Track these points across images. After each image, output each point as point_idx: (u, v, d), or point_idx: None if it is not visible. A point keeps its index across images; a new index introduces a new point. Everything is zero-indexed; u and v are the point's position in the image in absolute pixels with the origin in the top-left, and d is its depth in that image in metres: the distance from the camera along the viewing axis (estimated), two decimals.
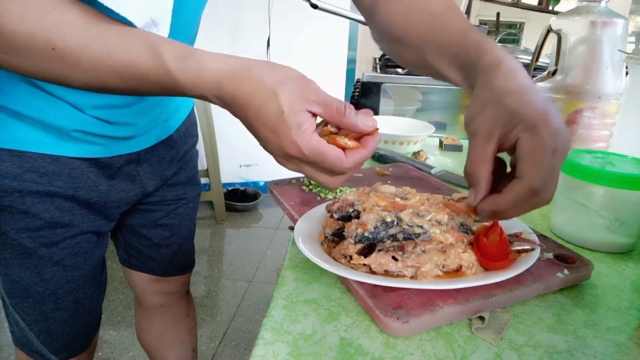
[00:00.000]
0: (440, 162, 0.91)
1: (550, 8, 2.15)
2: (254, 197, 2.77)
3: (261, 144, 0.42)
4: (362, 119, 0.41)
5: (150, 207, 0.79)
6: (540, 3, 2.22)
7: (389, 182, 0.71)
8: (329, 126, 0.41)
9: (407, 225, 0.46)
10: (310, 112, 0.40)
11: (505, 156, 0.43)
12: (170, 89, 0.41)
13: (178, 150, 0.77)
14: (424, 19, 0.53)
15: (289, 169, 0.43)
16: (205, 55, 0.40)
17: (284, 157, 0.41)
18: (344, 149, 0.41)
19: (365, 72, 1.43)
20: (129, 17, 0.45)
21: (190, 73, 0.40)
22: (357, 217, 0.49)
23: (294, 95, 0.39)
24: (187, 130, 0.80)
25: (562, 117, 0.77)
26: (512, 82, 0.40)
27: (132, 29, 0.40)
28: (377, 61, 1.88)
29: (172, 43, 0.40)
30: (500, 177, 0.43)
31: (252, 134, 0.42)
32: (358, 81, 1.58)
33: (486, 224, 0.48)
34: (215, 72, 0.40)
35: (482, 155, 0.40)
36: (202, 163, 2.50)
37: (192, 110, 0.83)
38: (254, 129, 0.41)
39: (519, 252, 0.47)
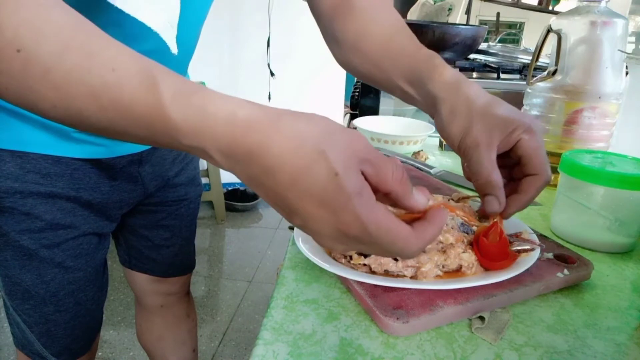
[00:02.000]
0: (440, 162, 0.91)
1: (550, 8, 2.15)
2: (254, 197, 2.77)
3: (296, 223, 0.31)
4: (417, 194, 0.34)
5: (151, 208, 0.79)
6: (540, 3, 2.22)
7: None
8: None
9: None
10: (363, 173, 0.30)
11: None
12: (159, 131, 0.30)
13: (179, 151, 0.77)
14: (378, 33, 0.55)
15: (337, 251, 0.34)
16: (217, 95, 0.30)
17: (336, 237, 0.30)
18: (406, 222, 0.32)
19: None
20: (148, 23, 0.45)
21: (192, 113, 0.29)
22: None
23: (345, 151, 0.29)
24: None
25: (561, 117, 0.77)
26: (482, 93, 0.44)
27: (126, 47, 0.31)
28: None
29: (175, 75, 0.31)
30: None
31: (280, 209, 0.31)
32: (358, 81, 1.58)
33: (486, 224, 0.48)
34: (229, 117, 0.29)
35: (492, 163, 0.42)
36: (202, 163, 2.50)
37: None
38: (285, 202, 0.30)
39: (519, 252, 0.47)
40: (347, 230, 0.29)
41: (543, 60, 1.05)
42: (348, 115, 1.59)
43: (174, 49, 0.55)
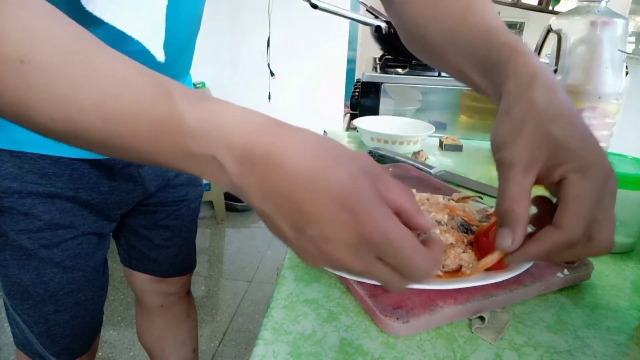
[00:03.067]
0: (440, 162, 0.91)
1: (550, 8, 2.15)
2: None
3: (311, 233, 0.28)
4: (424, 214, 0.31)
5: (151, 208, 0.79)
6: (540, 3, 2.22)
7: None
8: None
9: None
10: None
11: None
12: (168, 140, 0.29)
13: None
14: (445, 13, 0.45)
15: (351, 268, 0.29)
16: (229, 103, 0.30)
17: (355, 245, 0.28)
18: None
19: (365, 72, 1.43)
20: (129, 32, 0.43)
21: (206, 116, 0.29)
22: None
23: (358, 164, 0.29)
24: None
25: None
26: (554, 101, 0.33)
27: (130, 59, 0.31)
28: (377, 61, 1.88)
29: (183, 86, 0.31)
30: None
31: (292, 221, 0.29)
32: (358, 81, 1.58)
33: (486, 224, 0.48)
34: (245, 120, 0.29)
35: (521, 191, 0.33)
36: None
37: None
38: (301, 209, 0.28)
39: None
40: (368, 234, 0.27)
41: (543, 60, 1.05)
42: (348, 115, 1.59)
43: (159, 57, 0.51)
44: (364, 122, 1.00)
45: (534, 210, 0.37)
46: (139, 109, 0.28)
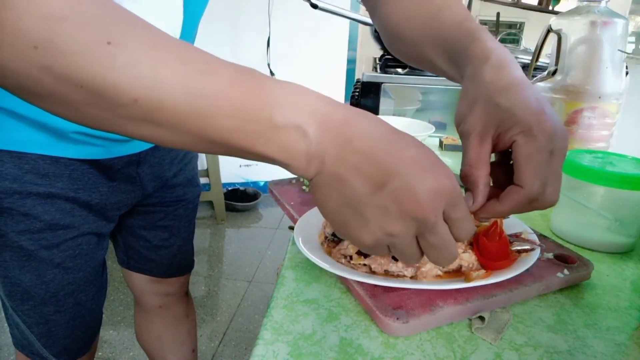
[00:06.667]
0: None
1: (550, 8, 2.15)
2: (254, 197, 2.77)
3: (393, 185, 0.32)
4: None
5: (149, 209, 0.78)
6: (540, 3, 2.22)
7: None
8: None
9: None
10: None
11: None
12: (253, 111, 0.30)
13: (178, 151, 0.77)
14: (420, 12, 0.50)
15: (427, 214, 0.33)
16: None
17: (432, 200, 0.32)
18: None
19: (365, 72, 1.43)
20: None
21: (290, 87, 0.32)
22: None
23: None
24: None
25: (561, 117, 0.77)
26: (503, 76, 0.39)
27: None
28: (377, 61, 1.88)
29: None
30: (502, 178, 0.41)
31: (371, 173, 0.32)
32: (358, 81, 1.58)
33: (486, 224, 0.48)
34: (318, 95, 0.33)
35: (478, 157, 0.38)
36: (202, 163, 2.50)
37: None
38: (381, 161, 0.32)
39: (519, 252, 0.47)
40: (443, 191, 0.32)
41: (543, 60, 1.05)
42: None
43: None
44: None
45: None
46: (225, 84, 0.30)
